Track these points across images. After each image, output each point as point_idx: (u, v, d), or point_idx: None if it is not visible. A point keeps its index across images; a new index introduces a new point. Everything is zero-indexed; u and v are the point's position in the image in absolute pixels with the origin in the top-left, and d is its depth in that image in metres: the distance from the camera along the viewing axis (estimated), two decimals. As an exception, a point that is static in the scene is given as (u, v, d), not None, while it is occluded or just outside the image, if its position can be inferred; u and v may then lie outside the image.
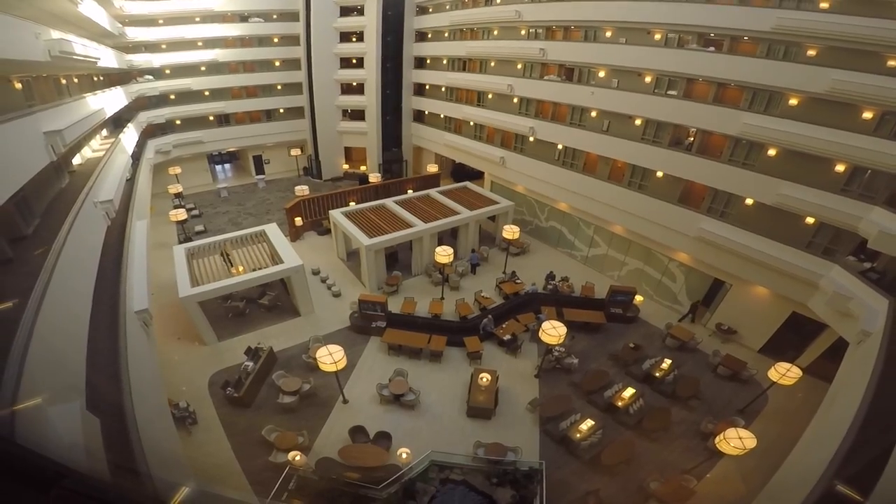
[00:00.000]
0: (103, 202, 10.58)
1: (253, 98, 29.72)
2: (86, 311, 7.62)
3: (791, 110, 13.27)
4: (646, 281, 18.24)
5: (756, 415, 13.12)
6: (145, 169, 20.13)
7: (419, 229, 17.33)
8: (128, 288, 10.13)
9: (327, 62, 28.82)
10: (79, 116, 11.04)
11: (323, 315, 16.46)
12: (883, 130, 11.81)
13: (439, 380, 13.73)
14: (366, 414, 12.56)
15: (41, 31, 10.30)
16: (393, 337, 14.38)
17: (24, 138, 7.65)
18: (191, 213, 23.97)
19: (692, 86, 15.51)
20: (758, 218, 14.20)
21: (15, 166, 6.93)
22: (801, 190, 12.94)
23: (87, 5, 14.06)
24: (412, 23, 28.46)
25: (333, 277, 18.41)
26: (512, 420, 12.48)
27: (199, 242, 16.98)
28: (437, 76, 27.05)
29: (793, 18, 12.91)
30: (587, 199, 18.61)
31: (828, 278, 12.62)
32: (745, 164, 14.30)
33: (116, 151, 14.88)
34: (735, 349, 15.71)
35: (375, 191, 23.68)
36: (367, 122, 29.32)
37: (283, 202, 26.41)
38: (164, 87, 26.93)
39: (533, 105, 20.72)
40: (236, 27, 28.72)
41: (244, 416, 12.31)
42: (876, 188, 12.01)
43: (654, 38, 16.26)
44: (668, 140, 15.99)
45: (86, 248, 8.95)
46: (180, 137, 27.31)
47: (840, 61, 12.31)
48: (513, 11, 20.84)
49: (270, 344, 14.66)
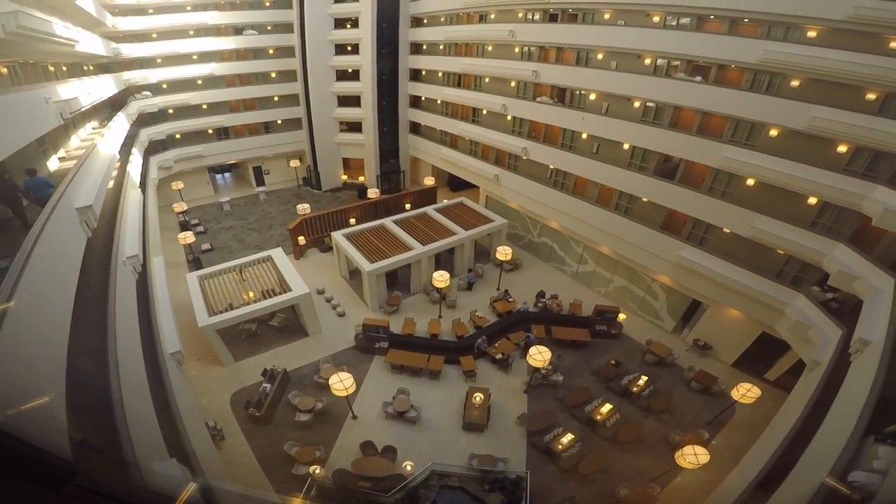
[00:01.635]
0: (130, 258, 12.15)
1: (251, 111, 31.53)
2: (139, 359, 9.70)
3: (771, 142, 14.61)
4: (630, 298, 20.44)
5: (722, 426, 15.38)
6: (152, 195, 21.95)
7: (417, 252, 19.44)
8: (159, 331, 12.21)
9: (323, 73, 30.45)
10: (97, 181, 11.38)
11: (329, 335, 18.65)
12: (854, 165, 13.19)
13: (438, 396, 15.98)
14: (373, 428, 14.83)
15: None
16: (395, 357, 16.62)
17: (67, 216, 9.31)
18: (196, 230, 26.01)
19: (679, 114, 17.04)
20: (734, 246, 15.95)
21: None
22: (773, 224, 14.55)
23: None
24: (407, 35, 30.02)
25: (337, 297, 20.57)
26: (502, 433, 14.76)
27: (210, 270, 19.07)
28: (432, 90, 28.80)
29: (778, 51, 13.89)
30: (576, 221, 20.66)
31: (793, 306, 14.47)
32: (724, 194, 15.96)
33: (129, 197, 16.09)
34: (710, 363, 17.99)
35: (374, 207, 25.72)
36: (365, 134, 31.16)
37: (285, 215, 28.56)
38: (162, 102, 28.52)
39: (526, 125, 22.63)
40: (231, 40, 30.33)
41: (265, 433, 14.58)
42: (843, 223, 13.60)
43: (645, 62, 17.73)
44: (654, 168, 17.94)
45: (128, 307, 10.64)
46: (181, 152, 29.15)
47: (820, 96, 13.54)
48: (506, 31, 22.52)
49: (283, 364, 16.91)
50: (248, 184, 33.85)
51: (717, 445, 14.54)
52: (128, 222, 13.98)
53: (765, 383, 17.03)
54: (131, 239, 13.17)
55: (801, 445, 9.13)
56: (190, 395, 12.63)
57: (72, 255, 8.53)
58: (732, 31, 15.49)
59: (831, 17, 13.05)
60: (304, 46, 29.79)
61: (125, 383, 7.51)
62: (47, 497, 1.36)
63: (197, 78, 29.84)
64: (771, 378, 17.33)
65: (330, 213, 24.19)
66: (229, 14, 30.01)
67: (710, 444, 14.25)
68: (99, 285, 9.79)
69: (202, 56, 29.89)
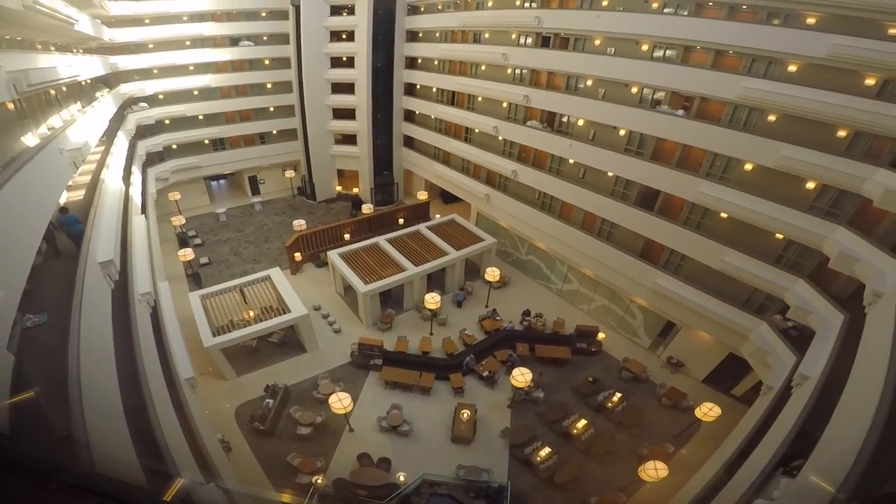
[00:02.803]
0: (144, 294, 13.48)
1: (247, 122, 33.07)
2: (162, 386, 11.48)
3: (745, 177, 16.14)
4: (610, 316, 22.51)
5: (688, 439, 17.53)
6: (152, 213, 23.35)
7: (410, 273, 21.32)
8: (173, 358, 13.97)
9: (319, 85, 31.93)
10: (112, 227, 13.09)
11: (326, 351, 20.51)
12: (821, 202, 14.67)
13: (429, 411, 17.93)
14: (369, 441, 16.75)
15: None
16: (389, 374, 18.53)
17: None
18: (193, 242, 27.66)
19: (661, 145, 18.61)
20: (706, 275, 17.72)
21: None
22: (741, 258, 16.33)
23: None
24: (402, 49, 31.67)
25: (333, 314, 22.41)
26: (487, 446, 16.75)
27: (211, 290, 20.81)
28: (426, 106, 30.53)
29: (757, 89, 15.01)
30: (561, 243, 22.60)
31: (756, 332, 16.29)
32: (700, 226, 17.76)
33: (134, 226, 17.19)
34: (682, 379, 20.14)
35: (369, 222, 27.55)
36: (359, 147, 32.88)
37: (281, 227, 30.28)
38: (158, 114, 29.85)
39: (516, 148, 24.51)
40: (227, 51, 31.72)
41: (269, 444, 16.44)
42: (806, 259, 15.34)
43: (632, 91, 19.28)
44: (636, 196, 19.74)
45: (148, 339, 12.27)
46: (178, 163, 30.68)
47: (795, 133, 14.75)
48: (499, 54, 24.25)
49: (283, 379, 18.78)
50: (243, 192, 35.46)
51: (682, 456, 16.68)
52: (137, 256, 15.17)
53: (732, 398, 19.25)
54: (142, 273, 14.36)
55: (736, 468, 11.21)
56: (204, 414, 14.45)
57: (103, 307, 10.16)
58: (716, 64, 16.72)
59: (811, 55, 14.14)
60: (299, 58, 31.17)
61: (158, 408, 9.39)
62: (32, 493, 1.40)
63: (193, 89, 31.23)
64: (737, 394, 19.47)
65: (325, 230, 25.98)
66: (225, 25, 31.38)
67: (674, 457, 16.41)
68: (123, 323, 11.26)
69: (198, 67, 31.25)
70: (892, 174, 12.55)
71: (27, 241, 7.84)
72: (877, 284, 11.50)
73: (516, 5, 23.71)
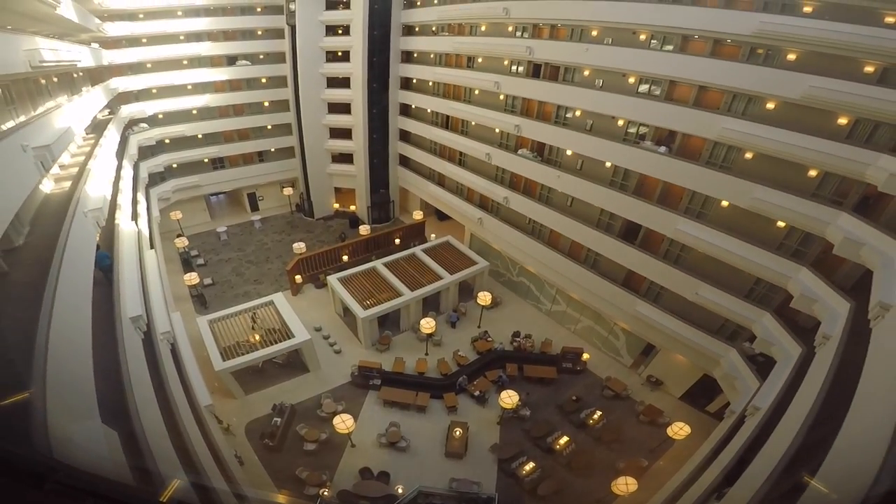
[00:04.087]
0: (164, 333, 15.54)
1: (245, 140, 35.38)
2: (186, 409, 13.85)
3: (722, 213, 17.96)
4: (595, 336, 25.04)
5: (662, 453, 20.07)
6: (157, 238, 25.44)
7: (407, 298, 23.78)
8: (191, 385, 16.32)
9: (316, 105, 34.04)
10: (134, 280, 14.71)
11: (328, 371, 22.92)
12: (790, 240, 16.60)
13: (424, 428, 20.37)
14: (369, 455, 19.17)
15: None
16: (387, 394, 20.98)
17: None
18: (196, 263, 29.98)
19: (644, 178, 20.57)
20: (683, 304, 19.93)
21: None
22: (714, 292, 18.51)
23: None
24: (398, 69, 33.94)
25: (333, 335, 24.81)
26: (478, 460, 19.21)
27: (218, 315, 23.22)
28: (421, 128, 32.88)
29: (734, 129, 16.48)
30: (550, 269, 25.09)
31: (726, 358, 18.66)
32: (678, 259, 19.94)
33: (147, 263, 18.75)
34: (661, 397, 22.66)
35: (366, 243, 29.96)
36: (356, 166, 35.27)
37: (280, 247, 32.66)
38: (158, 134, 31.96)
39: (508, 174, 26.96)
40: (225, 71, 33.97)
41: (278, 459, 18.84)
42: (774, 294, 17.26)
43: (618, 123, 21.14)
44: (620, 227, 21.97)
45: (172, 373, 14.56)
46: (178, 183, 32.94)
47: (769, 172, 16.36)
48: (493, 82, 26.56)
49: (288, 397, 21.16)
50: (242, 208, 37.79)
51: (656, 469, 19.19)
52: (153, 295, 16.91)
53: (706, 415, 21.80)
54: (160, 312, 16.33)
55: (685, 489, 13.69)
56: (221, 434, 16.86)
57: (138, 353, 12.22)
58: (698, 100, 18.29)
59: (786, 96, 15.59)
60: (296, 77, 33.25)
61: (189, 430, 11.83)
62: (29, 494, 1.49)
63: (192, 109, 33.50)
64: (711, 410, 21.97)
65: (324, 253, 28.39)
66: (222, 45, 33.65)
67: (648, 470, 18.95)
68: (151, 362, 13.05)
69: (197, 87, 33.55)
70: (853, 219, 14.08)
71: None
72: (828, 327, 13.30)
73: (509, 32, 25.83)
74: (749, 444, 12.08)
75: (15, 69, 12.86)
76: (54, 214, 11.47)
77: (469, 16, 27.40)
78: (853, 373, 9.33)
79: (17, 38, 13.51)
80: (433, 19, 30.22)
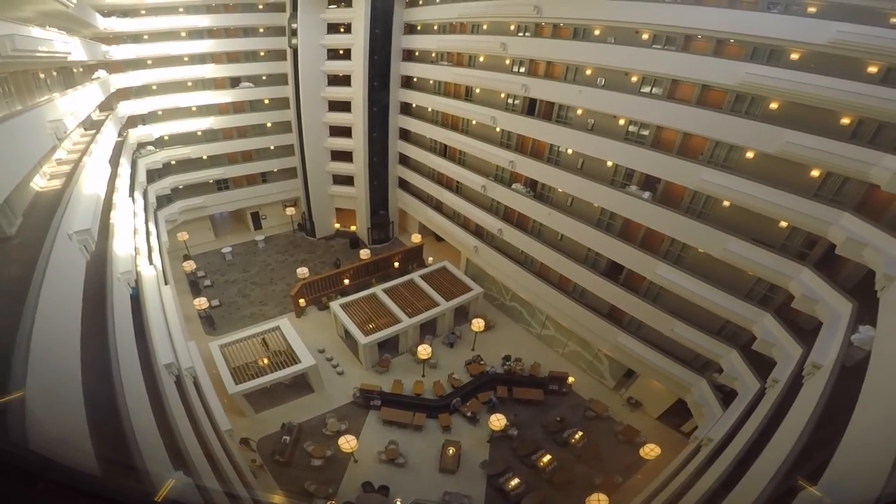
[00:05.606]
0: (188, 369, 18.98)
1: (249, 162, 38.59)
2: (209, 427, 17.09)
3: (698, 258, 20.54)
4: (581, 360, 28.32)
5: (636, 470, 23.33)
6: (168, 266, 28.54)
7: (405, 325, 27.05)
8: (212, 411, 19.48)
9: (317, 128, 37.04)
10: (162, 328, 18.71)
11: (331, 391, 26.15)
12: (759, 287, 19.16)
13: (420, 446, 23.60)
14: (370, 470, 22.38)
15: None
16: (387, 414, 24.24)
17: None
18: (203, 284, 33.20)
19: (630, 221, 23.27)
20: (661, 336, 22.93)
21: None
22: (688, 330, 21.49)
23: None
24: (398, 96, 37.17)
25: (336, 357, 28.06)
26: (469, 475, 22.44)
27: (228, 339, 26.38)
28: (420, 154, 36.08)
29: (711, 181, 18.67)
30: (540, 298, 28.33)
31: (696, 387, 21.84)
32: (657, 298, 22.85)
33: (166, 299, 21.34)
34: (640, 417, 25.94)
35: (366, 267, 33.22)
36: (356, 188, 38.50)
37: (284, 268, 35.88)
38: (164, 157, 34.89)
39: (502, 207, 30.18)
40: (228, 93, 37.04)
41: (288, 473, 22.04)
42: (741, 334, 19.89)
43: (607, 164, 23.77)
44: (604, 265, 25.19)
45: (196, 402, 17.83)
46: (185, 204, 36.07)
47: (744, 222, 18.65)
48: (489, 117, 29.65)
49: (294, 416, 24.37)
50: (245, 226, 41.03)
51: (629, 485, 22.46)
52: (173, 332, 19.16)
53: (681, 434, 25.07)
54: (182, 349, 18.89)
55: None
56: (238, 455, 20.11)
57: (174, 394, 15.39)
58: (683, 146, 20.41)
59: (763, 149, 17.59)
60: (298, 99, 36.00)
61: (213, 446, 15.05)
62: (21, 494, 1.57)
63: (197, 131, 36.56)
64: (686, 430, 25.20)
65: (326, 277, 31.66)
66: (226, 67, 36.62)
67: (622, 486, 22.23)
68: (185, 399, 16.34)
69: (201, 109, 36.61)
70: (813, 275, 16.45)
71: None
72: (778, 373, 15.57)
73: (506, 65, 28.87)
74: (695, 474, 15.14)
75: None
76: (95, 280, 12.84)
77: (467, 47, 30.31)
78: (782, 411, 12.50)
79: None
80: (433, 47, 33.26)
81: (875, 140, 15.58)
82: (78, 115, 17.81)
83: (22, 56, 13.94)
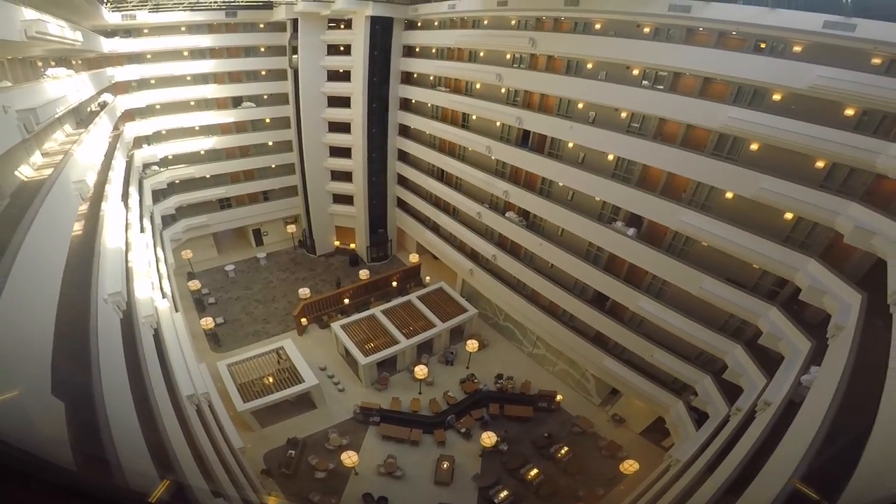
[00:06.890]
0: (203, 394, 21.57)
1: (251, 181, 41.38)
2: (223, 443, 19.92)
3: (676, 292, 22.80)
4: (569, 378, 31.21)
5: (617, 483, 26.18)
6: (175, 288, 31.24)
7: (403, 346, 29.91)
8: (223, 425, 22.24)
9: (318, 148, 39.73)
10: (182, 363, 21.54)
11: (333, 407, 28.95)
12: (732, 321, 21.48)
13: (416, 459, 26.39)
14: (370, 482, 25.16)
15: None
16: (386, 430, 27.08)
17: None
18: (208, 301, 35.99)
19: (614, 258, 25.81)
20: (642, 361, 25.67)
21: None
22: (666, 356, 24.07)
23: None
24: (396, 116, 39.92)
25: (337, 374, 30.85)
26: (462, 487, 25.23)
27: (234, 359, 29.16)
28: (418, 177, 38.92)
29: (691, 224, 20.69)
30: (531, 321, 31.23)
31: (674, 408, 24.52)
32: (640, 325, 25.47)
33: (178, 326, 24.42)
34: (623, 432, 28.80)
35: (366, 287, 36.07)
36: (356, 207, 41.33)
37: (286, 285, 38.68)
38: (168, 177, 37.41)
39: (497, 234, 32.94)
40: (230, 113, 39.74)
41: (293, 484, 24.80)
42: (713, 363, 22.38)
43: (595, 199, 26.36)
44: (591, 294, 28.06)
45: (212, 426, 20.77)
46: (189, 223, 38.72)
47: (720, 261, 20.68)
48: (484, 146, 32.39)
49: (298, 431, 27.16)
50: (247, 242, 43.87)
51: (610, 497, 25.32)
52: (188, 358, 21.46)
53: (662, 449, 27.92)
54: (196, 374, 20.90)
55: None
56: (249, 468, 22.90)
57: (195, 419, 18.25)
58: (667, 185, 22.54)
59: (740, 193, 19.35)
60: (299, 118, 38.70)
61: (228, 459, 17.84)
62: (14, 494, 1.63)
63: (200, 150, 39.26)
64: (666, 445, 28.02)
65: (327, 298, 34.50)
66: (228, 87, 39.23)
67: (603, 498, 25.10)
68: (205, 424, 19.26)
69: (204, 129, 39.29)
70: (779, 314, 18.61)
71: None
72: (742, 402, 17.62)
73: (502, 94, 31.56)
74: (660, 493, 17.88)
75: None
76: (127, 332, 13.65)
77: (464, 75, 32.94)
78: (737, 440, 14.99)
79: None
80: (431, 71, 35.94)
81: (847, 183, 17.31)
82: (96, 167, 19.06)
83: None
